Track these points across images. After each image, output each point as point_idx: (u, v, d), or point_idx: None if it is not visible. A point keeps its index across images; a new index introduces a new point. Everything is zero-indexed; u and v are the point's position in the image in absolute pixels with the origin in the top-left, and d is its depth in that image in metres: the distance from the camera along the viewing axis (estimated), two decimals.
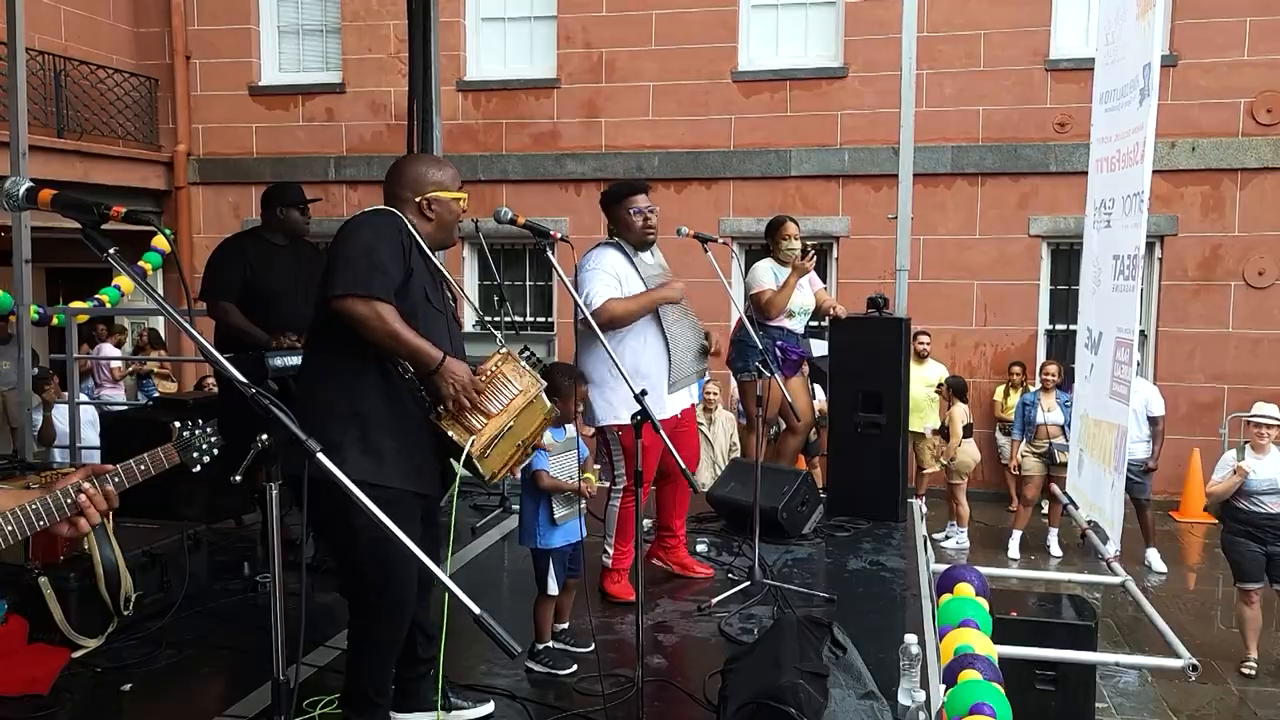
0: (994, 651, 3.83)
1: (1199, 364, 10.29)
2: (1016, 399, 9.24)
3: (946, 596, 4.33)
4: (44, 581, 3.56)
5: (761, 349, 4.96)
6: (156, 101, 12.33)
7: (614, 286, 4.04)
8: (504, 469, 3.00)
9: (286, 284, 4.56)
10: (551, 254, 3.31)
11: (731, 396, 8.86)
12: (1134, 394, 5.16)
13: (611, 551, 4.23)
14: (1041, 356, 10.50)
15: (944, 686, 3.47)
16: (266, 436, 1.81)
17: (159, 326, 11.65)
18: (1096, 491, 5.42)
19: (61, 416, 7.61)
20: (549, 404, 3.07)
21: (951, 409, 8.89)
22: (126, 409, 8.34)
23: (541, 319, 11.79)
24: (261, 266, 4.56)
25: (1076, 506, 5.73)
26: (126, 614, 3.75)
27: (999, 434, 10.20)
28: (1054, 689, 5.00)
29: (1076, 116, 9.70)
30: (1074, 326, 7.30)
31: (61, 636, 3.56)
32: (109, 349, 10.65)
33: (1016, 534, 8.77)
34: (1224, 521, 6.51)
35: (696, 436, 5.11)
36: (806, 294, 5.70)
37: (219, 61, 12.25)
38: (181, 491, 4.72)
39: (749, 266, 6.01)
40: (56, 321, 8.91)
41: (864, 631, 3.74)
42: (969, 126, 10.60)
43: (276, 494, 1.87)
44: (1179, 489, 10.07)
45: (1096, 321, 5.62)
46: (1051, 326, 10.81)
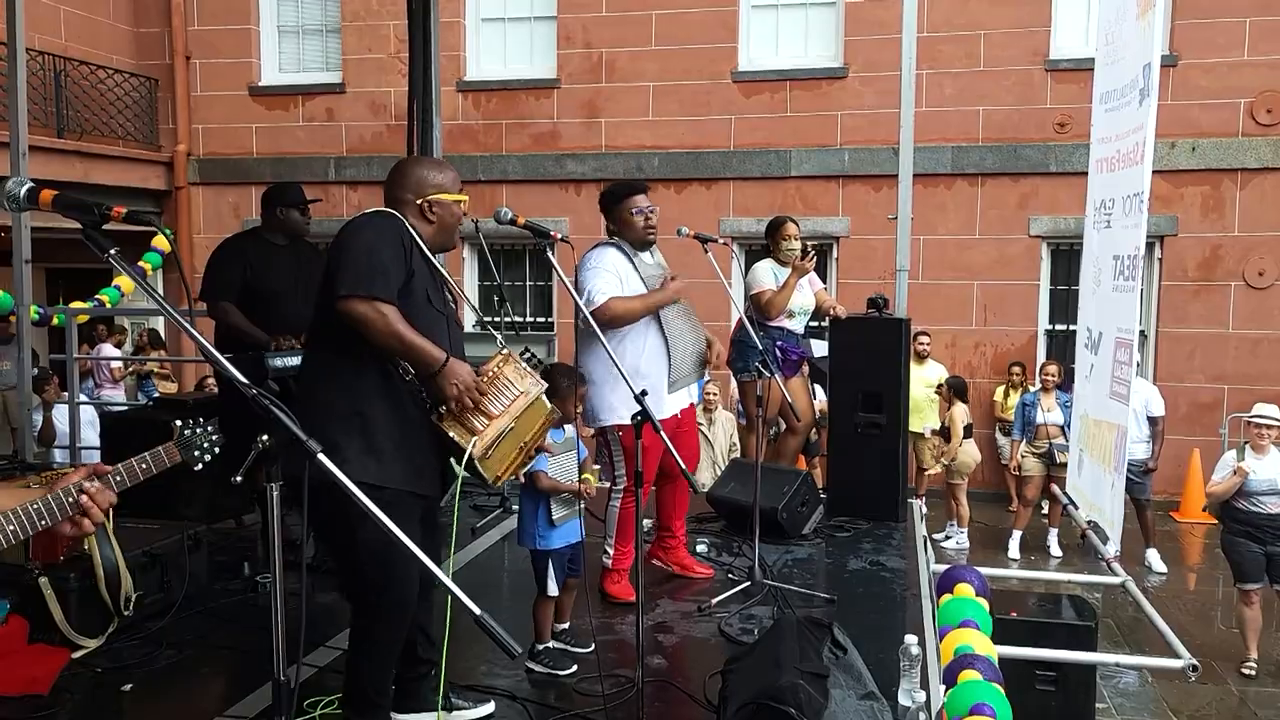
0: (994, 652, 3.83)
1: (1199, 364, 10.29)
2: (1016, 399, 9.24)
3: (946, 597, 4.33)
4: (44, 581, 3.56)
5: (761, 349, 4.96)
6: (156, 101, 12.33)
7: (615, 284, 4.04)
8: (507, 472, 3.00)
9: (286, 284, 4.56)
10: (551, 254, 3.32)
11: (731, 397, 8.86)
12: (1134, 394, 5.16)
13: (611, 552, 4.24)
14: (1041, 357, 10.50)
15: (944, 687, 3.47)
16: (267, 437, 1.81)
17: (159, 327, 11.65)
18: (1096, 492, 5.42)
19: (61, 417, 7.62)
20: (550, 406, 3.07)
21: (952, 409, 8.89)
22: (126, 409, 8.34)
23: (541, 319, 11.80)
24: (261, 267, 4.57)
25: (1076, 507, 5.73)
26: (127, 614, 3.75)
27: (999, 434, 10.19)
28: (1054, 689, 5.01)
29: (1076, 117, 9.70)
30: (1074, 327, 7.29)
31: (62, 637, 3.56)
32: (109, 349, 10.65)
33: (1016, 534, 8.77)
34: (1224, 522, 6.51)
35: (696, 436, 5.11)
36: (806, 294, 5.70)
37: (219, 61, 12.25)
38: (182, 491, 4.73)
39: (749, 267, 6.01)
40: (57, 321, 8.91)
41: (864, 632, 3.74)
42: (969, 127, 10.60)
43: (277, 494, 1.87)
44: (1179, 489, 10.07)
45: (1096, 322, 5.62)
46: (1051, 327, 10.81)
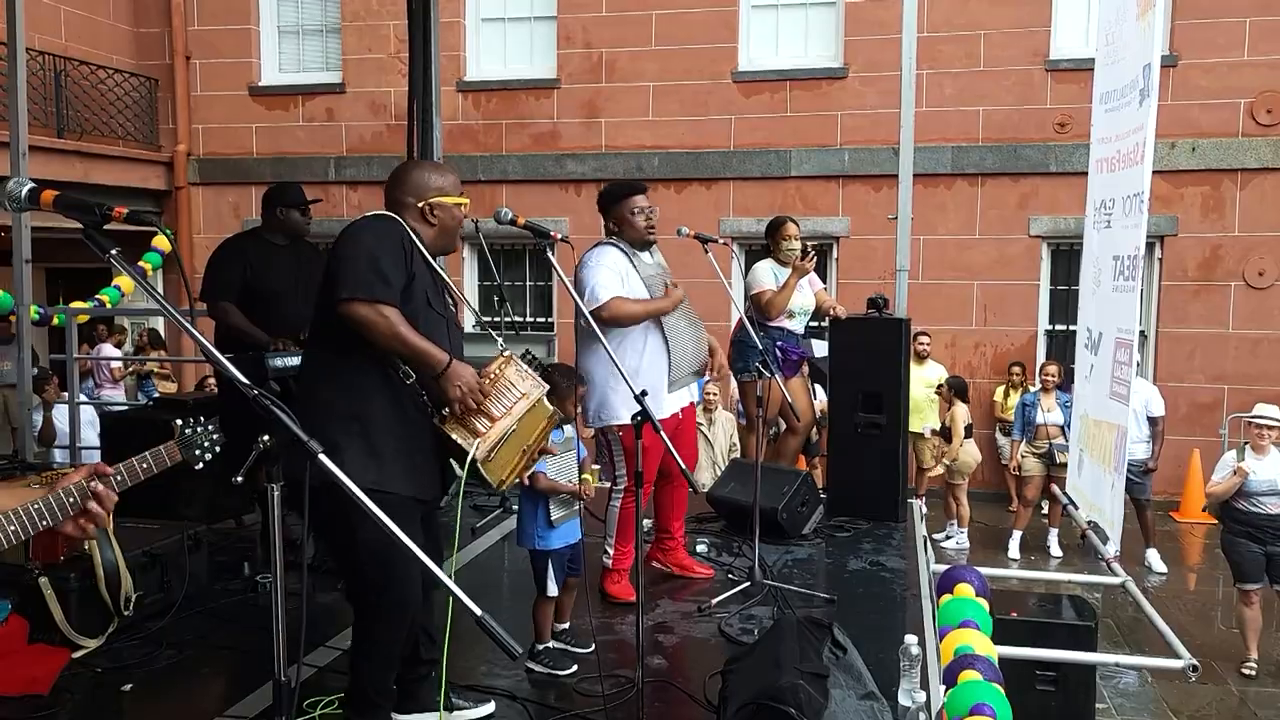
0: (994, 652, 3.83)
1: (1199, 364, 10.29)
2: (1016, 399, 9.24)
3: (947, 597, 4.33)
4: (44, 582, 3.56)
5: (761, 349, 4.96)
6: (156, 101, 12.33)
7: (618, 283, 4.04)
8: (510, 476, 3.00)
9: (286, 284, 4.56)
10: (551, 255, 3.32)
11: (731, 397, 8.86)
12: (1134, 394, 5.16)
13: (612, 552, 4.24)
14: (1041, 357, 10.50)
15: (944, 687, 3.47)
16: (268, 437, 1.81)
17: (159, 326, 11.65)
18: (1096, 492, 5.42)
19: (62, 416, 7.62)
20: (551, 408, 3.07)
21: (953, 409, 8.88)
22: (126, 409, 8.34)
23: (541, 319, 11.79)
24: (262, 267, 4.57)
25: (1076, 507, 5.73)
26: (127, 614, 3.75)
27: (999, 434, 10.19)
28: (1054, 689, 5.00)
29: (1076, 117, 9.70)
30: (1074, 327, 7.29)
31: (62, 637, 3.56)
32: (109, 349, 10.65)
33: (1016, 534, 8.77)
34: (1224, 522, 6.51)
35: (694, 435, 5.10)
36: (807, 294, 5.71)
37: (219, 61, 12.25)
38: (182, 491, 4.73)
39: (749, 267, 6.01)
40: (57, 321, 8.91)
41: (864, 632, 3.74)
42: (969, 127, 10.60)
43: (278, 495, 1.87)
44: (1179, 489, 10.07)
45: (1096, 322, 5.62)
46: (1051, 327, 10.81)
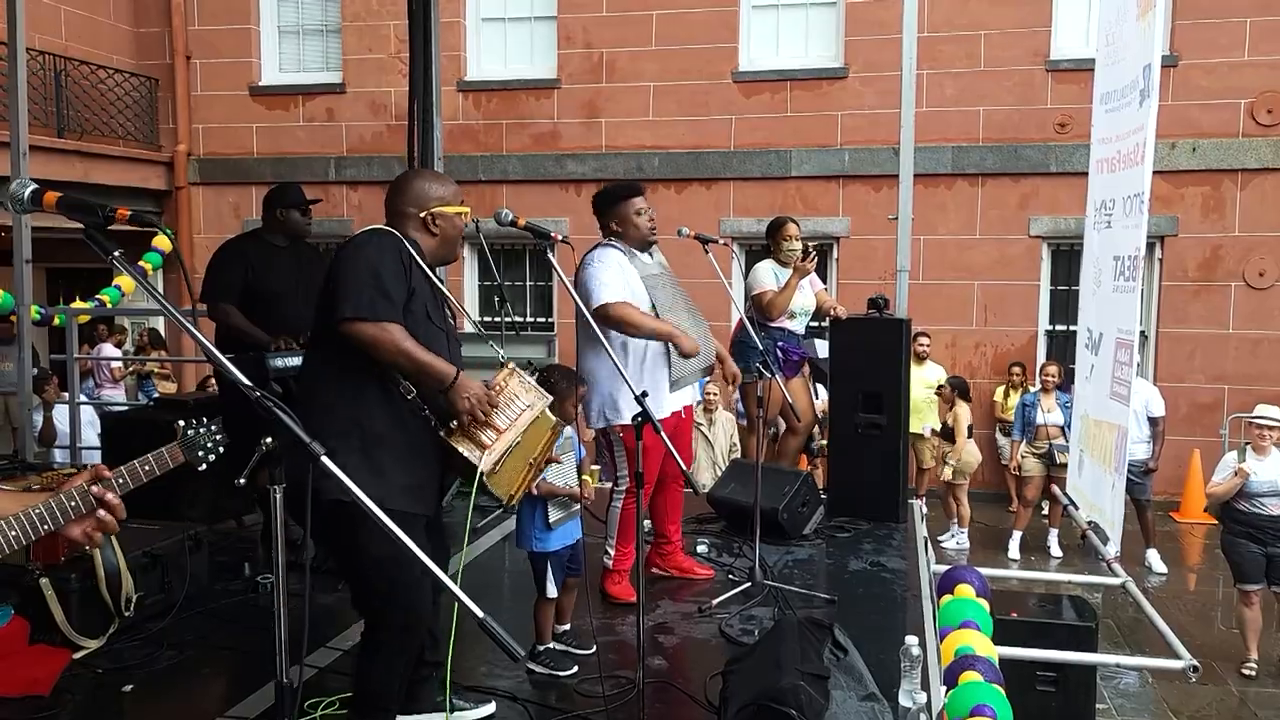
0: (995, 653, 3.83)
1: (1199, 365, 10.29)
2: (1016, 400, 9.24)
3: (947, 598, 4.33)
4: (45, 582, 3.56)
5: (762, 350, 4.95)
6: (157, 101, 12.33)
7: (621, 285, 4.04)
8: (519, 488, 3.01)
9: (287, 285, 4.56)
10: (552, 255, 3.32)
11: (731, 397, 8.86)
12: (1134, 395, 5.16)
13: (613, 553, 4.24)
14: (1041, 357, 10.50)
15: (945, 688, 3.47)
16: (271, 439, 1.81)
17: (159, 326, 11.65)
18: (1097, 492, 5.42)
19: (62, 417, 7.62)
20: (554, 419, 3.08)
21: (955, 409, 8.87)
22: (127, 409, 8.34)
23: (542, 319, 11.79)
24: (262, 268, 4.57)
25: (1077, 507, 5.73)
26: (127, 615, 3.75)
27: (999, 434, 10.19)
28: (1054, 690, 5.01)
29: (1077, 117, 9.70)
30: (1074, 327, 7.29)
31: (62, 637, 3.56)
32: (109, 349, 10.64)
33: (1017, 535, 8.77)
34: (1224, 523, 6.51)
35: (690, 435, 5.09)
36: (807, 295, 5.70)
37: (219, 61, 12.25)
38: (185, 492, 4.72)
39: (749, 267, 6.01)
40: (58, 322, 8.91)
41: (865, 633, 3.74)
42: (969, 127, 10.60)
43: (280, 497, 1.87)
44: (1179, 490, 10.07)
45: (1097, 322, 5.62)
46: (1052, 327, 10.81)
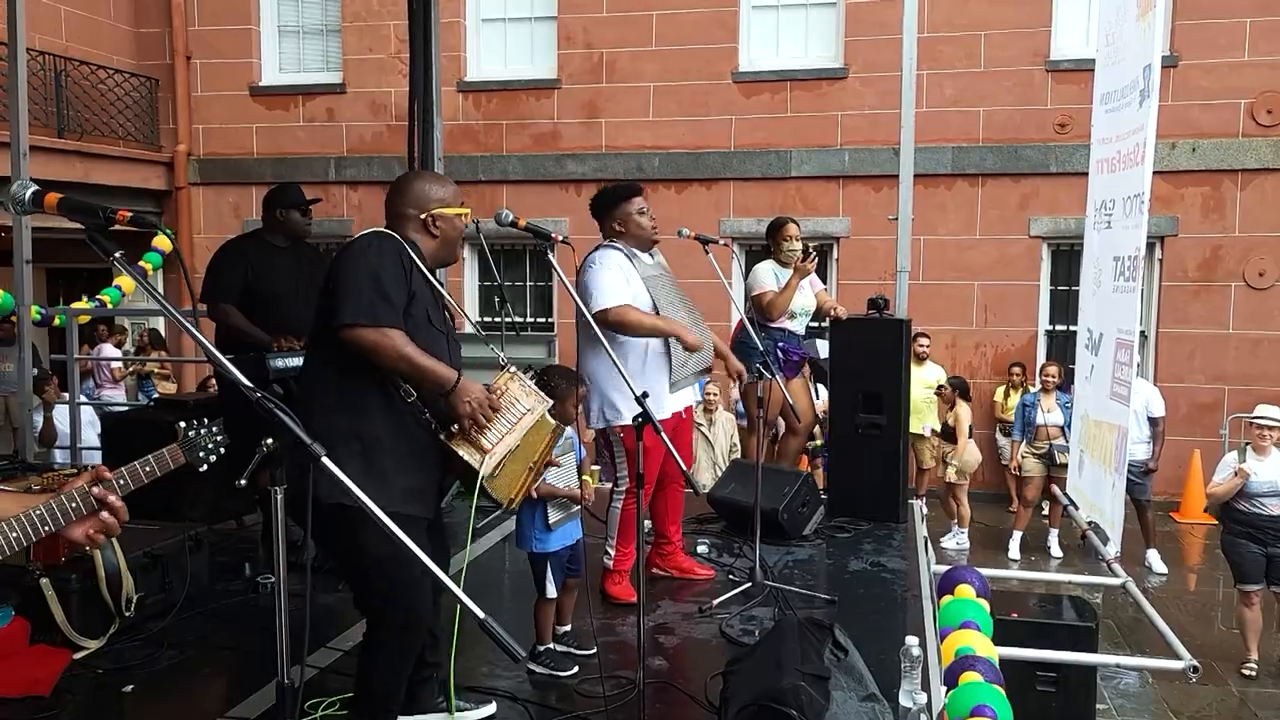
0: (995, 653, 3.83)
1: (1199, 365, 10.29)
2: (1016, 400, 9.24)
3: (947, 598, 4.33)
4: (45, 583, 3.56)
5: (762, 350, 4.95)
6: (157, 102, 12.33)
7: (623, 286, 4.04)
8: (519, 492, 3.01)
9: (287, 286, 4.56)
10: (552, 256, 3.31)
11: (732, 397, 8.86)
12: (1134, 395, 5.16)
13: (613, 553, 4.24)
14: (1042, 357, 10.50)
15: (945, 688, 3.47)
16: (271, 440, 1.81)
17: (159, 327, 11.65)
18: (1097, 492, 5.42)
19: (62, 417, 7.62)
20: (554, 423, 3.09)
21: (956, 409, 8.86)
22: (127, 410, 8.34)
23: (542, 319, 11.79)
24: (262, 268, 4.57)
25: (1077, 507, 5.73)
26: (128, 615, 3.75)
27: (999, 435, 10.19)
28: (1055, 690, 5.01)
29: (1077, 117, 9.70)
30: (1074, 327, 7.29)
31: (63, 638, 3.56)
32: (109, 349, 10.64)
33: (1017, 535, 8.77)
34: (1224, 523, 6.51)
35: (690, 435, 5.10)
36: (807, 295, 5.71)
37: (219, 62, 12.25)
38: (185, 492, 4.71)
39: (749, 267, 6.01)
40: (58, 322, 8.91)
41: (865, 633, 3.74)
42: (969, 127, 10.60)
43: (281, 498, 1.87)
44: (1179, 490, 10.07)
45: (1097, 322, 5.62)
46: (1052, 327, 10.81)
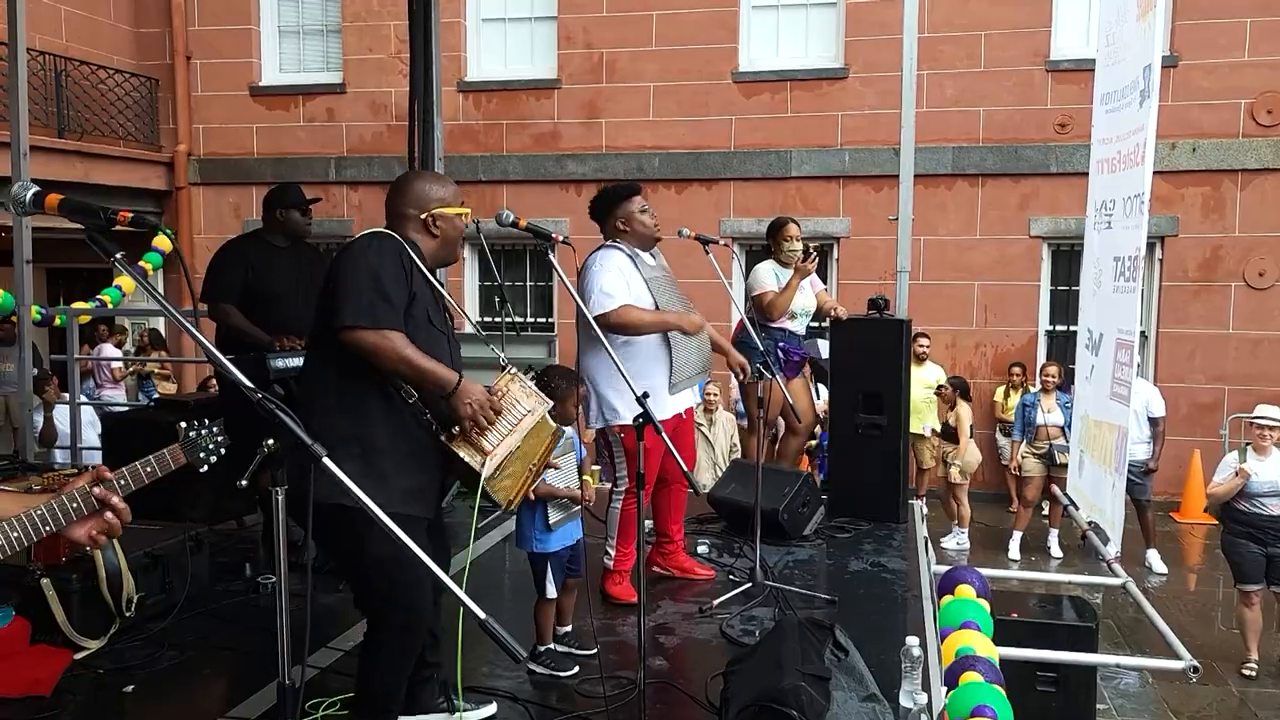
0: (995, 653, 3.83)
1: (1199, 365, 10.29)
2: (1017, 400, 9.24)
3: (948, 598, 4.33)
4: (46, 583, 3.56)
5: (763, 350, 4.95)
6: (157, 102, 12.33)
7: (624, 287, 4.04)
8: (519, 494, 3.01)
9: (287, 286, 4.56)
10: (553, 256, 3.31)
11: (732, 397, 8.86)
12: (1134, 395, 5.16)
13: (613, 553, 4.24)
14: (1042, 357, 10.50)
15: (945, 688, 3.47)
16: (272, 441, 1.81)
17: (160, 327, 11.65)
18: (1097, 492, 5.42)
19: (62, 417, 7.62)
20: (554, 425, 3.09)
21: (957, 409, 8.86)
22: (127, 410, 8.34)
23: (542, 320, 11.78)
24: (263, 269, 4.57)
25: (1077, 507, 5.73)
26: (128, 615, 3.75)
27: (999, 435, 10.19)
28: (1055, 690, 5.01)
29: (1077, 117, 9.70)
30: (1074, 327, 7.29)
31: (63, 638, 3.56)
32: (110, 349, 10.64)
33: (1017, 535, 8.77)
34: (1224, 523, 6.51)
35: (693, 436, 5.11)
36: (808, 295, 5.70)
37: (219, 62, 12.25)
38: (186, 493, 4.71)
39: (749, 267, 6.01)
40: (59, 322, 8.91)
41: (865, 633, 3.74)
42: (970, 127, 10.60)
43: (282, 498, 1.87)
44: (1179, 490, 10.07)
45: (1097, 323, 5.62)
46: (1052, 327, 10.81)
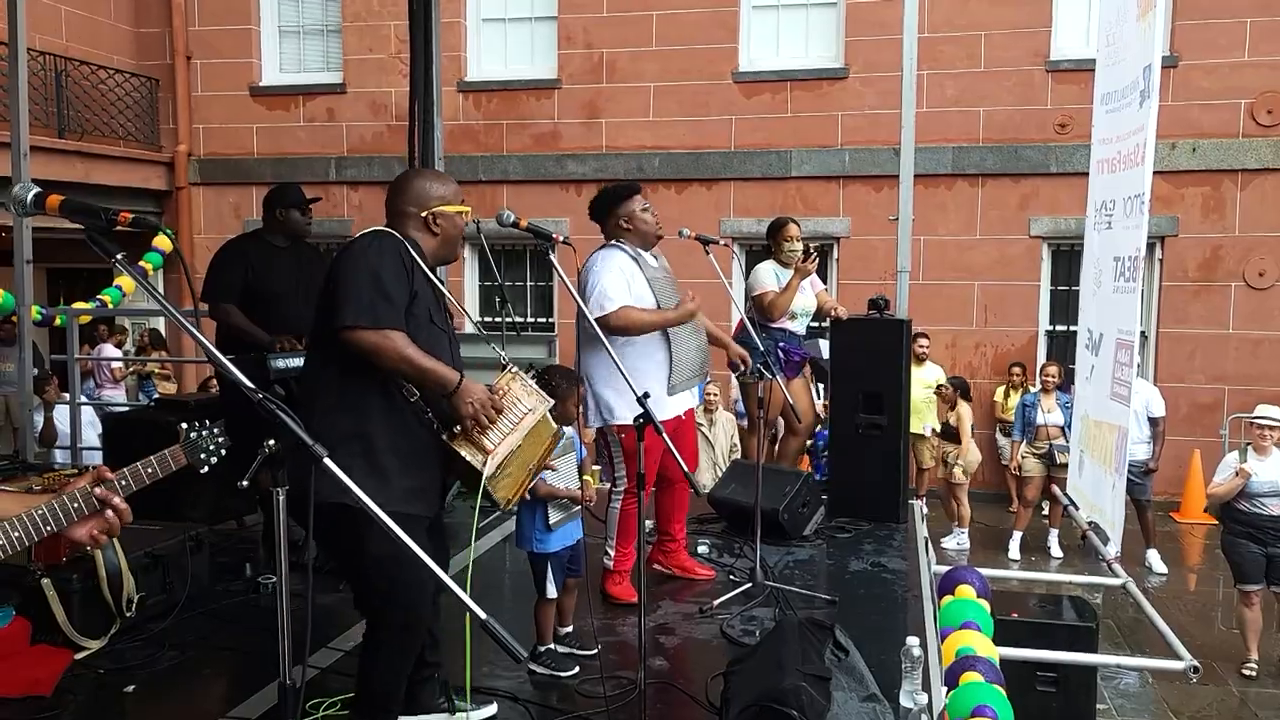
0: (995, 653, 3.84)
1: (1199, 365, 10.29)
2: (1016, 400, 9.24)
3: (948, 598, 4.33)
4: (47, 583, 3.56)
5: (763, 351, 4.95)
6: (157, 102, 12.33)
7: (625, 289, 4.05)
8: (516, 493, 3.02)
9: (288, 285, 4.56)
10: (553, 256, 3.31)
11: (731, 397, 8.86)
12: (1134, 395, 5.17)
13: (613, 553, 4.24)
14: (1042, 357, 10.50)
15: (946, 689, 3.47)
16: (273, 441, 1.81)
17: (160, 327, 11.65)
18: (1097, 492, 5.42)
19: (62, 417, 7.62)
20: (555, 425, 3.09)
21: (958, 409, 8.85)
22: (127, 410, 8.34)
23: (542, 320, 11.79)
24: (263, 268, 4.57)
25: (1077, 508, 5.73)
26: (129, 615, 3.75)
27: (999, 435, 10.19)
28: (1055, 690, 5.00)
29: (1077, 117, 9.70)
30: (1074, 327, 7.29)
31: (64, 638, 3.56)
32: (110, 350, 10.65)
33: (1017, 535, 8.77)
34: (1224, 523, 6.51)
35: (694, 436, 5.11)
36: (808, 295, 5.71)
37: (220, 62, 12.25)
38: (186, 493, 4.71)
39: (750, 267, 6.01)
40: (59, 322, 8.91)
41: (866, 633, 3.74)
42: (970, 127, 10.60)
43: (283, 499, 1.87)
44: (1179, 490, 10.07)
45: (1097, 323, 5.62)
46: (1052, 327, 10.81)
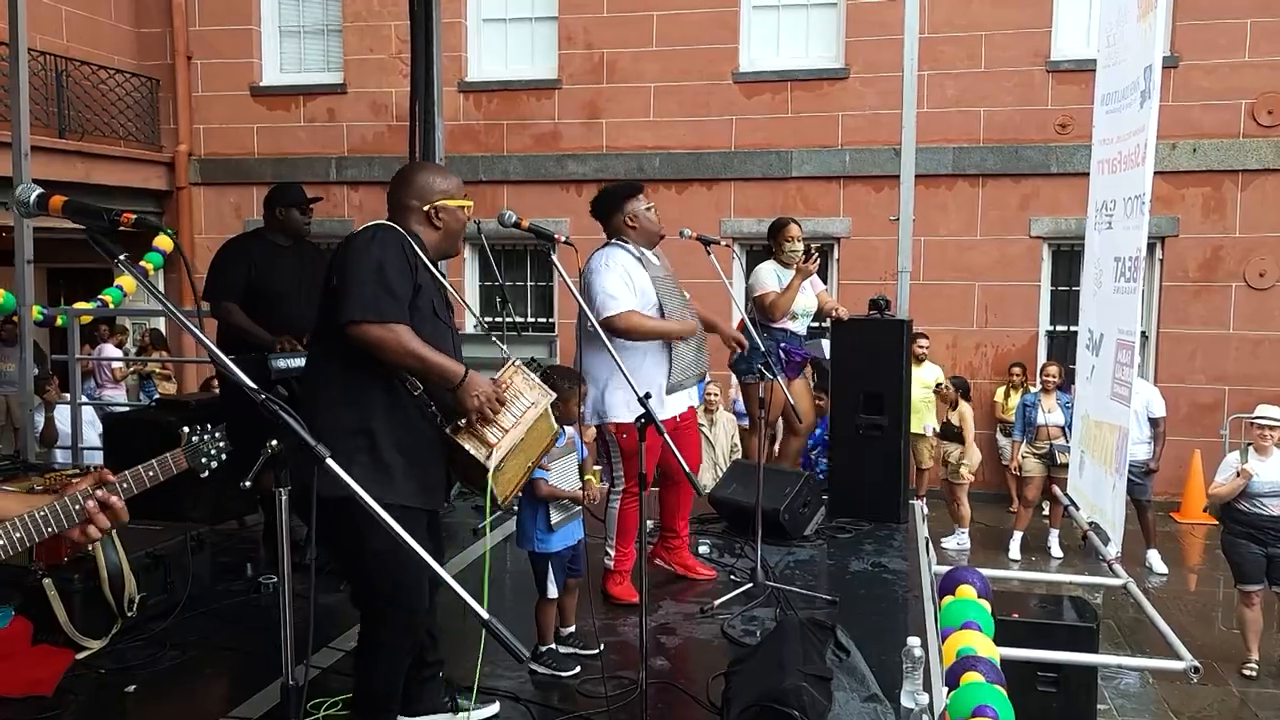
0: (996, 654, 3.84)
1: (1200, 365, 10.29)
2: (1017, 400, 9.24)
3: (949, 599, 4.33)
4: (48, 583, 3.56)
5: (764, 351, 4.96)
6: (158, 102, 12.33)
7: (628, 290, 4.05)
8: (514, 489, 3.02)
9: (289, 285, 4.57)
10: (554, 257, 3.31)
11: (731, 397, 8.86)
12: (1135, 395, 5.17)
13: (612, 554, 4.24)
14: (1042, 357, 10.49)
15: (946, 689, 3.48)
16: (276, 442, 1.81)
17: (161, 327, 11.65)
18: (1097, 493, 5.43)
19: (63, 417, 7.62)
20: (554, 421, 3.09)
21: (960, 409, 8.85)
22: (128, 410, 8.34)
23: (543, 319, 11.80)
24: (265, 267, 4.58)
25: (1078, 508, 5.73)
26: (130, 615, 3.76)
27: (1000, 435, 10.19)
28: (1055, 690, 5.01)
29: (1078, 118, 9.70)
30: (1075, 328, 7.29)
31: (65, 638, 3.57)
32: (111, 349, 10.65)
33: (1017, 535, 8.77)
34: (1225, 523, 6.50)
35: (697, 437, 5.11)
36: (809, 296, 5.71)
37: (220, 62, 12.25)
38: (187, 493, 4.71)
39: (750, 267, 6.01)
40: (60, 322, 8.92)
41: (866, 634, 3.75)
42: (970, 128, 10.60)
43: (286, 499, 1.87)
44: (1180, 490, 10.07)
45: (1098, 323, 5.63)
46: (1052, 327, 10.81)
